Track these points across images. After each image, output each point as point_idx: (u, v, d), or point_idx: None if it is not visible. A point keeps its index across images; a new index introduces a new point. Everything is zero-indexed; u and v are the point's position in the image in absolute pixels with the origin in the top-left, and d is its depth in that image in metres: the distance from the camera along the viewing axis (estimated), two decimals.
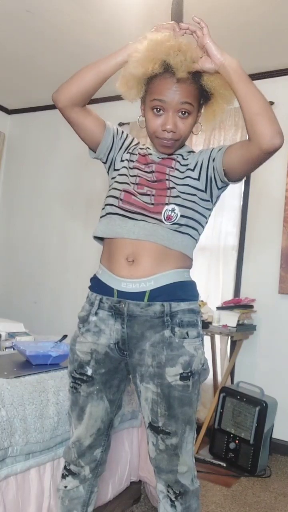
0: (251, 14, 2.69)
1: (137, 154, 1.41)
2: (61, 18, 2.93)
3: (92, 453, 1.39)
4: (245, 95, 1.18)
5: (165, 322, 1.25)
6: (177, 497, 1.28)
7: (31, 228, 4.50)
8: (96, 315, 1.32)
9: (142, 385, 1.29)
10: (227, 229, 3.45)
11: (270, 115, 1.16)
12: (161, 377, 1.25)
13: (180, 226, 1.28)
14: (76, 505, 1.41)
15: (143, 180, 1.34)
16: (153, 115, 1.29)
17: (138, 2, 2.69)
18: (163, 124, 1.28)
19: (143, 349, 1.27)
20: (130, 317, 1.27)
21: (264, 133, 1.15)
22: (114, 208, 1.33)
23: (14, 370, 1.78)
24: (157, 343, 1.25)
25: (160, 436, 1.26)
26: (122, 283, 1.28)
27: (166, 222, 1.27)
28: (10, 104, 4.60)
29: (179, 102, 1.26)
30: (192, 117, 1.30)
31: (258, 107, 1.16)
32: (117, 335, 1.30)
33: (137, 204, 1.30)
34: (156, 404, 1.25)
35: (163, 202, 1.28)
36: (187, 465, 1.29)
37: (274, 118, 1.16)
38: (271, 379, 3.09)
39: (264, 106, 1.16)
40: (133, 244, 1.27)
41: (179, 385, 1.24)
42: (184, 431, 1.26)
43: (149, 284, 1.26)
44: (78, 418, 1.37)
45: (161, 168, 1.34)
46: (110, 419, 1.39)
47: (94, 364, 1.33)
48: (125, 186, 1.34)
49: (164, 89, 1.26)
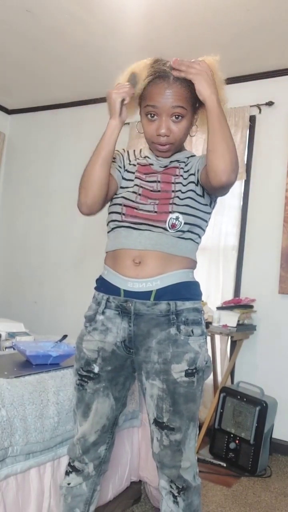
0: (252, 15, 2.69)
1: (136, 165, 1.43)
2: (61, 18, 2.93)
3: (96, 450, 1.41)
4: (215, 132, 1.20)
5: (170, 320, 1.29)
6: (179, 492, 1.31)
7: (31, 228, 4.50)
8: (103, 314, 1.36)
9: (148, 381, 1.31)
10: (227, 229, 3.45)
11: (228, 155, 1.18)
12: (167, 373, 1.27)
13: (183, 233, 1.32)
14: (78, 503, 1.42)
15: (145, 191, 1.37)
16: (148, 120, 1.33)
17: (138, 2, 2.69)
18: (157, 129, 1.31)
19: (149, 347, 1.30)
20: (136, 316, 1.30)
21: (215, 169, 1.18)
22: (118, 222, 1.36)
23: (14, 370, 1.78)
24: (163, 341, 1.29)
25: (164, 432, 1.29)
26: (128, 283, 1.31)
27: (170, 230, 1.31)
28: (10, 104, 4.60)
29: (171, 106, 1.28)
30: (186, 120, 1.32)
31: (220, 146, 1.19)
32: (124, 333, 1.33)
33: (141, 216, 1.33)
34: (162, 400, 1.28)
35: (167, 211, 1.31)
36: (190, 461, 1.31)
37: (231, 158, 1.18)
38: (271, 379, 3.09)
39: (227, 147, 1.19)
40: (139, 252, 1.31)
41: (184, 381, 1.27)
42: (188, 427, 1.29)
43: (155, 284, 1.29)
44: (83, 415, 1.39)
45: (167, 177, 1.37)
46: (115, 416, 1.42)
47: (101, 361, 1.36)
48: (126, 201, 1.37)
49: (156, 95, 1.28)
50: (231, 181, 1.20)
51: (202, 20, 2.79)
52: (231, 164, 1.18)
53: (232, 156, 1.19)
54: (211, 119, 1.22)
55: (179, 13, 2.72)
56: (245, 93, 3.38)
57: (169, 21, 2.80)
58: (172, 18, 2.76)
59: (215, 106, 1.21)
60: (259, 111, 3.34)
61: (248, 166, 3.36)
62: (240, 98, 3.36)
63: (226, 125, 1.21)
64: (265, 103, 3.30)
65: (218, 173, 1.18)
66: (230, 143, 1.20)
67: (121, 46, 3.16)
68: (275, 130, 3.30)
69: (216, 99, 1.21)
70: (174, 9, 2.70)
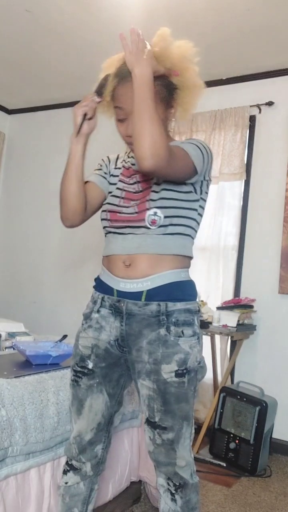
0: (251, 14, 2.69)
1: (121, 168, 1.44)
2: (61, 18, 2.93)
3: (93, 449, 1.40)
4: (134, 113, 1.15)
5: (161, 321, 1.28)
6: (177, 489, 1.30)
7: (31, 228, 4.50)
8: (98, 312, 1.37)
9: (139, 381, 1.32)
10: (227, 229, 3.44)
11: (145, 138, 1.11)
12: (157, 373, 1.27)
13: (165, 228, 1.29)
14: (76, 502, 1.42)
15: (128, 194, 1.37)
16: (118, 122, 1.34)
17: (138, 2, 2.69)
18: (125, 130, 1.31)
19: (140, 346, 1.30)
20: (129, 316, 1.31)
21: (135, 155, 1.15)
22: (107, 228, 1.39)
23: (14, 370, 1.78)
24: (153, 341, 1.29)
25: (156, 431, 1.29)
26: (120, 283, 1.32)
27: (152, 227, 1.28)
28: (10, 104, 4.60)
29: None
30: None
31: (136, 129, 1.13)
32: (116, 332, 1.34)
33: (123, 218, 1.33)
34: (153, 400, 1.28)
35: (145, 208, 1.30)
36: (185, 460, 1.31)
37: (149, 142, 1.10)
38: (271, 379, 3.09)
39: (143, 129, 1.11)
40: (127, 256, 1.32)
41: (174, 381, 1.27)
42: (181, 426, 1.29)
43: (145, 284, 1.29)
44: (77, 411, 1.39)
45: (145, 175, 1.35)
46: (110, 414, 1.42)
47: (94, 358, 1.37)
48: (109, 206, 1.38)
49: (121, 96, 1.28)
50: (153, 167, 1.11)
51: (202, 20, 2.79)
52: (149, 149, 1.09)
53: (150, 140, 1.10)
54: (134, 99, 1.15)
55: (179, 13, 2.72)
56: (245, 93, 3.38)
57: (168, 21, 2.77)
58: (172, 18, 2.75)
59: (138, 84, 1.15)
60: (259, 111, 3.34)
61: (248, 166, 3.36)
62: (240, 98, 3.36)
63: (147, 107, 1.12)
64: (265, 103, 3.30)
65: (137, 159, 1.13)
66: (149, 126, 1.11)
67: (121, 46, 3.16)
68: (275, 130, 3.30)
69: (142, 78, 1.15)
70: (174, 9, 2.70)
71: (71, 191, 1.35)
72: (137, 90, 1.16)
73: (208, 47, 2.98)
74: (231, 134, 3.37)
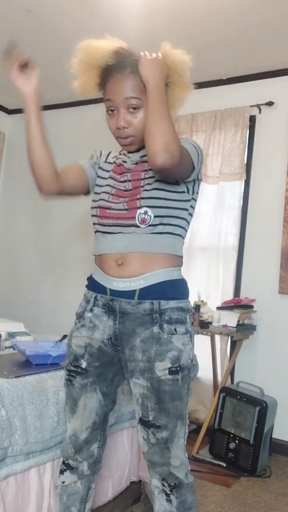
0: (251, 14, 2.69)
1: (113, 163, 1.44)
2: (61, 17, 2.93)
3: (89, 448, 1.41)
4: (150, 114, 1.21)
5: (154, 319, 1.29)
6: (172, 490, 1.30)
7: (31, 228, 4.50)
8: (91, 311, 1.37)
9: (132, 380, 1.32)
10: (227, 229, 3.44)
11: (160, 136, 1.16)
12: (150, 371, 1.28)
13: (154, 227, 1.29)
14: (74, 501, 1.42)
15: (118, 191, 1.37)
16: (109, 116, 1.34)
17: (138, 2, 2.69)
18: (116, 123, 1.32)
19: (134, 345, 1.30)
20: (122, 314, 1.31)
21: (148, 151, 1.18)
22: (96, 226, 1.39)
23: (14, 370, 1.78)
24: (147, 339, 1.29)
25: (150, 430, 1.29)
26: (113, 282, 1.32)
27: (141, 225, 1.29)
28: (10, 104, 4.60)
29: (125, 98, 1.28)
30: (144, 111, 1.28)
31: (152, 127, 1.18)
32: (110, 331, 1.34)
33: (112, 216, 1.33)
34: (147, 398, 1.28)
35: (136, 206, 1.30)
36: (180, 459, 1.31)
37: (163, 138, 1.16)
38: (271, 379, 3.09)
39: (158, 128, 1.17)
40: (118, 255, 1.32)
41: (168, 379, 1.27)
42: (175, 425, 1.29)
43: (138, 283, 1.30)
44: (71, 410, 1.40)
45: (136, 174, 1.36)
46: (104, 412, 1.42)
47: (88, 357, 1.37)
48: (100, 202, 1.38)
49: (111, 88, 1.30)
50: (166, 163, 1.16)
51: (201, 20, 2.79)
52: (163, 144, 1.15)
53: (164, 136, 1.16)
54: (149, 101, 1.22)
55: (178, 12, 2.72)
56: (245, 93, 3.38)
57: (168, 21, 2.79)
58: (172, 18, 2.75)
59: (152, 88, 1.22)
60: (259, 111, 3.34)
61: (248, 166, 3.36)
62: (240, 98, 3.36)
63: (162, 108, 1.20)
64: (265, 103, 3.30)
65: (151, 155, 1.17)
66: (163, 124, 1.18)
67: None
68: (275, 130, 3.30)
69: (155, 82, 1.22)
70: (174, 9, 2.69)
71: (36, 158, 1.34)
72: (154, 92, 1.22)
73: (208, 47, 2.97)
74: (231, 134, 3.37)
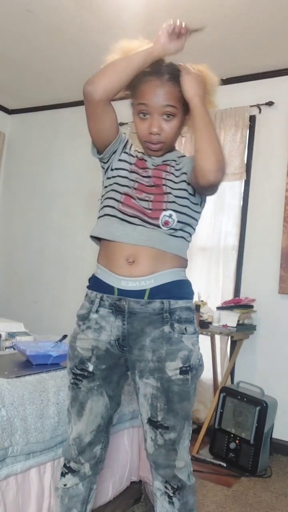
0: (251, 14, 2.69)
1: (135, 157, 1.42)
2: (61, 18, 2.93)
3: (92, 450, 1.40)
4: (200, 131, 1.24)
5: (164, 318, 1.29)
6: (174, 492, 1.30)
7: (31, 228, 4.50)
8: (97, 312, 1.35)
9: (142, 380, 1.31)
10: (227, 229, 3.44)
11: (214, 154, 1.22)
12: (161, 371, 1.28)
13: (175, 231, 1.33)
14: (75, 503, 1.42)
15: (141, 186, 1.36)
16: (140, 119, 1.34)
17: (138, 2, 2.69)
18: (148, 127, 1.32)
19: (143, 345, 1.30)
20: (130, 314, 1.30)
21: (202, 168, 1.22)
22: (114, 210, 1.35)
23: (15, 370, 1.78)
24: (157, 339, 1.29)
25: (159, 431, 1.29)
26: (122, 282, 1.31)
27: (163, 227, 1.31)
28: (10, 104, 4.60)
29: (163, 105, 1.30)
30: (177, 119, 1.33)
31: (205, 145, 1.23)
32: (117, 332, 1.33)
33: (136, 207, 1.33)
34: (156, 399, 1.28)
35: (161, 208, 1.31)
36: (184, 460, 1.31)
37: (217, 156, 1.22)
38: (271, 379, 3.09)
39: (212, 146, 1.23)
40: (132, 248, 1.31)
41: (178, 379, 1.27)
42: (182, 426, 1.29)
43: (149, 283, 1.29)
44: (78, 414, 1.39)
45: (158, 173, 1.37)
46: (109, 415, 1.42)
47: (95, 360, 1.36)
48: (126, 189, 1.36)
49: (148, 93, 1.30)
50: (219, 180, 1.23)
51: (201, 20, 2.79)
52: (217, 162, 1.21)
53: (218, 154, 1.22)
54: (195, 119, 1.25)
55: (178, 12, 2.72)
56: (245, 93, 3.38)
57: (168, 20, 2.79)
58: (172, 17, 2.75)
59: (199, 106, 1.25)
60: (259, 111, 3.34)
61: (248, 166, 3.36)
62: (240, 98, 3.36)
63: (210, 125, 1.25)
64: (265, 103, 3.30)
65: (205, 172, 1.21)
66: (215, 142, 1.23)
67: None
68: (275, 130, 3.30)
69: (200, 99, 1.26)
70: (173, 8, 2.69)
71: (122, 70, 1.28)
72: (201, 110, 1.26)
73: (208, 47, 2.97)
74: (231, 134, 3.37)
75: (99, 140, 1.39)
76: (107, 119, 1.34)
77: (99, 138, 1.38)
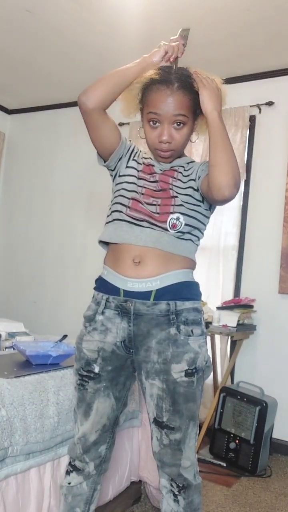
0: (251, 14, 2.69)
1: (142, 164, 1.44)
2: (61, 18, 2.93)
3: (97, 449, 1.41)
4: (217, 146, 1.25)
5: (170, 320, 1.29)
6: (180, 491, 1.31)
7: (31, 228, 4.50)
8: (103, 314, 1.36)
9: (148, 381, 1.32)
10: (227, 229, 3.45)
11: (231, 169, 1.22)
12: (166, 373, 1.28)
13: (183, 234, 1.34)
14: (79, 502, 1.43)
15: (148, 191, 1.37)
16: (150, 127, 1.35)
17: (138, 2, 2.69)
18: (159, 136, 1.33)
19: (149, 346, 1.30)
20: (136, 316, 1.31)
21: (218, 184, 1.22)
22: (122, 215, 1.36)
23: (14, 370, 1.78)
24: (163, 340, 1.29)
25: (164, 431, 1.30)
26: (128, 283, 1.31)
27: (171, 230, 1.32)
28: (10, 104, 4.60)
29: (173, 114, 1.31)
30: (187, 127, 1.34)
31: (222, 160, 1.23)
32: (123, 333, 1.33)
33: (144, 211, 1.34)
34: (161, 400, 1.29)
35: (168, 211, 1.33)
36: (190, 460, 1.32)
37: (233, 172, 1.22)
38: (271, 379, 3.09)
39: (229, 161, 1.23)
40: (139, 249, 1.32)
41: (184, 381, 1.28)
42: (188, 426, 1.30)
43: (155, 284, 1.30)
44: (84, 414, 1.39)
45: (165, 177, 1.38)
46: (115, 416, 1.42)
47: (101, 361, 1.36)
48: (134, 194, 1.37)
49: (159, 102, 1.31)
50: (233, 195, 1.23)
51: (201, 19, 2.79)
52: (234, 178, 1.22)
53: (235, 170, 1.23)
54: (213, 133, 1.27)
55: (178, 12, 2.72)
56: (245, 93, 3.38)
57: (168, 20, 2.79)
58: (172, 17, 2.75)
59: (217, 121, 1.27)
60: (259, 111, 3.34)
61: (248, 166, 3.36)
62: (240, 98, 3.36)
63: (227, 139, 1.26)
64: (265, 103, 3.30)
65: (221, 187, 1.22)
66: (232, 157, 1.24)
67: (122, 45, 3.16)
68: (275, 130, 3.30)
69: (218, 114, 1.28)
70: (174, 8, 2.69)
71: (115, 82, 1.33)
72: (219, 124, 1.27)
73: (208, 46, 2.97)
74: (231, 134, 3.36)
75: (102, 148, 1.41)
76: (105, 127, 1.36)
77: (102, 146, 1.40)
